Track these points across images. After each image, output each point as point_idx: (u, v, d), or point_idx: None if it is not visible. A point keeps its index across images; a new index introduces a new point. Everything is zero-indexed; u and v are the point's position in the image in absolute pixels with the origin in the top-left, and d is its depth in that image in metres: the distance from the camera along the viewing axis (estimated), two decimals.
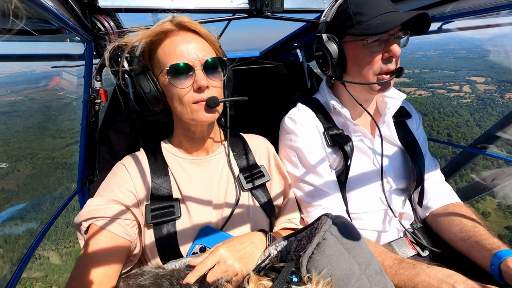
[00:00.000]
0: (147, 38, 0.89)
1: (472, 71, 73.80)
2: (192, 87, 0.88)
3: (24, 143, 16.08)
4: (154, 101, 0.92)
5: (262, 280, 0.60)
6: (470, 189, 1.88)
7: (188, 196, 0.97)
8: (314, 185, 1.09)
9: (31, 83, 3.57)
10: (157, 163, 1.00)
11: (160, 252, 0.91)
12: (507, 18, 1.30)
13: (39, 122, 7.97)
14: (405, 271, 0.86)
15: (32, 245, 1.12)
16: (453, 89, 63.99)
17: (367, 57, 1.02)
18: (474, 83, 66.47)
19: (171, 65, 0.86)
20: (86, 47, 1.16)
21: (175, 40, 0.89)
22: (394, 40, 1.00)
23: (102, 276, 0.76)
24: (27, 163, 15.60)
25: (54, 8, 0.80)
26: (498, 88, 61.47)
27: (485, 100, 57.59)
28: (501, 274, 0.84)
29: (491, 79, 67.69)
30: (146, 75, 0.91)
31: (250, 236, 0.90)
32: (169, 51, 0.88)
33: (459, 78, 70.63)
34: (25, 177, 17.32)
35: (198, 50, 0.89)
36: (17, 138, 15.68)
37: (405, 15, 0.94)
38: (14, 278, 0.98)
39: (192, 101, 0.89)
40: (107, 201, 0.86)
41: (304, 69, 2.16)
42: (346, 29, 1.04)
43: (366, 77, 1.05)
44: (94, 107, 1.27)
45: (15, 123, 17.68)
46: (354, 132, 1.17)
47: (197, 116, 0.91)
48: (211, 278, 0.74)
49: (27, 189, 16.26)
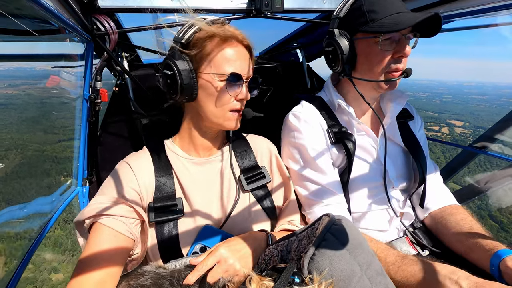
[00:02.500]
0: (213, 36, 0.90)
1: (454, 115, 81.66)
2: (235, 97, 0.95)
3: (16, 135, 16.63)
4: (185, 92, 0.92)
5: (264, 281, 0.60)
6: (468, 190, 1.88)
7: (190, 196, 0.97)
8: (317, 182, 1.09)
9: (29, 79, 3.56)
10: (160, 161, 0.99)
11: (161, 251, 0.91)
12: (507, 18, 1.31)
13: (33, 117, 8.10)
14: (408, 267, 0.86)
15: (32, 245, 1.12)
16: (432, 129, 70.36)
17: (378, 55, 1.03)
18: (452, 126, 74.04)
19: (232, 73, 0.91)
20: (86, 47, 1.16)
21: (235, 50, 0.94)
22: (405, 41, 1.01)
23: (105, 274, 0.76)
24: (17, 153, 16.20)
25: (54, 8, 0.80)
26: (473, 132, 67.07)
27: (458, 141, 62.16)
28: (501, 274, 0.85)
29: (469, 123, 74.60)
30: (189, 65, 0.91)
31: (250, 236, 0.90)
32: (228, 58, 0.92)
33: (440, 120, 78.19)
34: (14, 166, 18.06)
35: (248, 65, 0.98)
36: (9, 129, 16.22)
37: (419, 15, 0.95)
38: (14, 278, 0.98)
39: (230, 109, 0.95)
40: (111, 200, 0.86)
41: (304, 69, 2.16)
42: (358, 26, 1.04)
43: (375, 75, 1.06)
44: (94, 107, 1.27)
45: (9, 115, 18.35)
46: (358, 130, 1.17)
47: (229, 124, 0.97)
48: (211, 278, 0.74)
49: (14, 177, 16.98)
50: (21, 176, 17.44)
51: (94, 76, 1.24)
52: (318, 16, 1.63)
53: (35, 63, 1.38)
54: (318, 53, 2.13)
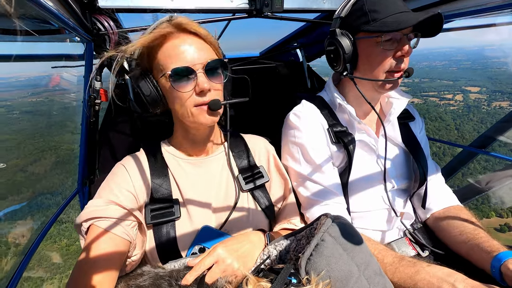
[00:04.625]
0: (146, 44, 0.88)
1: (470, 81, 76.90)
2: (194, 91, 0.87)
3: (47, 137, 18.52)
4: (154, 104, 0.91)
5: (261, 282, 0.60)
6: (469, 190, 1.88)
7: (187, 197, 0.97)
8: (316, 182, 1.10)
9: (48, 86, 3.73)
10: (156, 163, 1.00)
11: (159, 252, 0.91)
12: (507, 18, 1.30)
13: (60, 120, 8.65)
14: (405, 269, 0.86)
15: (33, 245, 1.13)
16: (445, 97, 67.46)
17: (380, 54, 1.03)
18: (468, 93, 70.16)
19: (173, 69, 0.85)
20: (86, 47, 1.16)
21: (176, 42, 0.88)
22: (407, 40, 1.01)
23: (102, 276, 0.76)
24: (52, 153, 18.30)
25: (54, 8, 0.80)
26: (489, 97, 65.03)
27: (471, 108, 61.37)
28: (502, 276, 0.85)
29: (486, 89, 70.85)
30: (145, 78, 0.90)
31: (248, 236, 0.90)
32: (170, 54, 0.87)
33: (455, 88, 74.06)
34: (51, 164, 20.51)
35: (199, 52, 0.88)
36: (41, 133, 17.90)
37: (420, 15, 0.95)
38: (15, 278, 0.98)
39: (193, 104, 0.89)
40: (107, 202, 0.86)
41: (304, 69, 2.16)
42: (360, 26, 1.04)
43: (376, 74, 1.06)
44: (94, 107, 1.27)
45: (38, 121, 20.62)
46: (359, 130, 1.17)
47: (198, 119, 0.90)
48: (209, 278, 0.75)
49: (53, 174, 19.41)
50: (47, 163, 19.68)
51: (94, 76, 1.24)
52: (318, 16, 1.63)
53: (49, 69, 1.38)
54: (318, 53, 2.14)
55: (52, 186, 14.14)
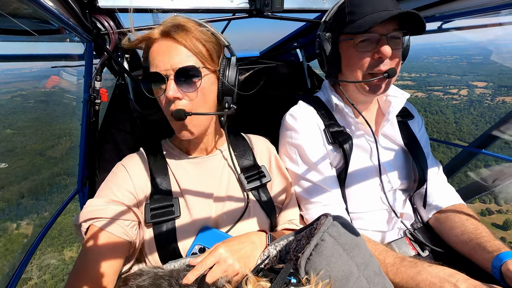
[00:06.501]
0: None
1: (478, 76, 76.20)
2: (165, 98, 0.85)
3: (63, 125, 19.42)
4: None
5: (261, 281, 0.60)
6: (469, 189, 1.88)
7: (188, 196, 0.97)
8: (314, 182, 1.09)
9: None
10: (156, 162, 1.00)
11: (159, 252, 0.91)
12: (507, 18, 1.30)
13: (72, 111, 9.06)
14: (407, 270, 0.85)
15: (33, 245, 1.13)
16: (450, 92, 67.46)
17: (357, 56, 1.02)
18: (474, 88, 70.01)
19: (144, 73, 0.85)
20: (86, 47, 1.16)
21: (156, 47, 0.86)
22: (387, 41, 0.98)
23: (101, 276, 0.76)
24: (67, 139, 19.29)
25: (54, 8, 0.80)
26: (494, 92, 65.04)
27: (473, 102, 61.67)
28: (503, 276, 0.84)
29: (493, 84, 70.45)
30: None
31: (249, 236, 0.90)
32: (152, 59, 0.87)
33: (461, 83, 73.81)
34: (66, 149, 20.94)
35: (172, 59, 0.83)
36: (56, 121, 18.58)
37: (389, 14, 0.92)
38: (15, 278, 0.98)
39: (168, 114, 0.88)
40: (106, 202, 0.86)
41: (304, 69, 2.15)
42: (341, 28, 1.04)
43: (356, 77, 1.05)
44: (94, 107, 1.27)
45: (53, 110, 21.82)
46: (356, 130, 1.17)
47: (176, 131, 0.91)
48: (210, 278, 0.74)
49: (68, 157, 21.55)
50: (64, 148, 20.09)
51: (94, 76, 1.24)
52: (318, 16, 1.63)
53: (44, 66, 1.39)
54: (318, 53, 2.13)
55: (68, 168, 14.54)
